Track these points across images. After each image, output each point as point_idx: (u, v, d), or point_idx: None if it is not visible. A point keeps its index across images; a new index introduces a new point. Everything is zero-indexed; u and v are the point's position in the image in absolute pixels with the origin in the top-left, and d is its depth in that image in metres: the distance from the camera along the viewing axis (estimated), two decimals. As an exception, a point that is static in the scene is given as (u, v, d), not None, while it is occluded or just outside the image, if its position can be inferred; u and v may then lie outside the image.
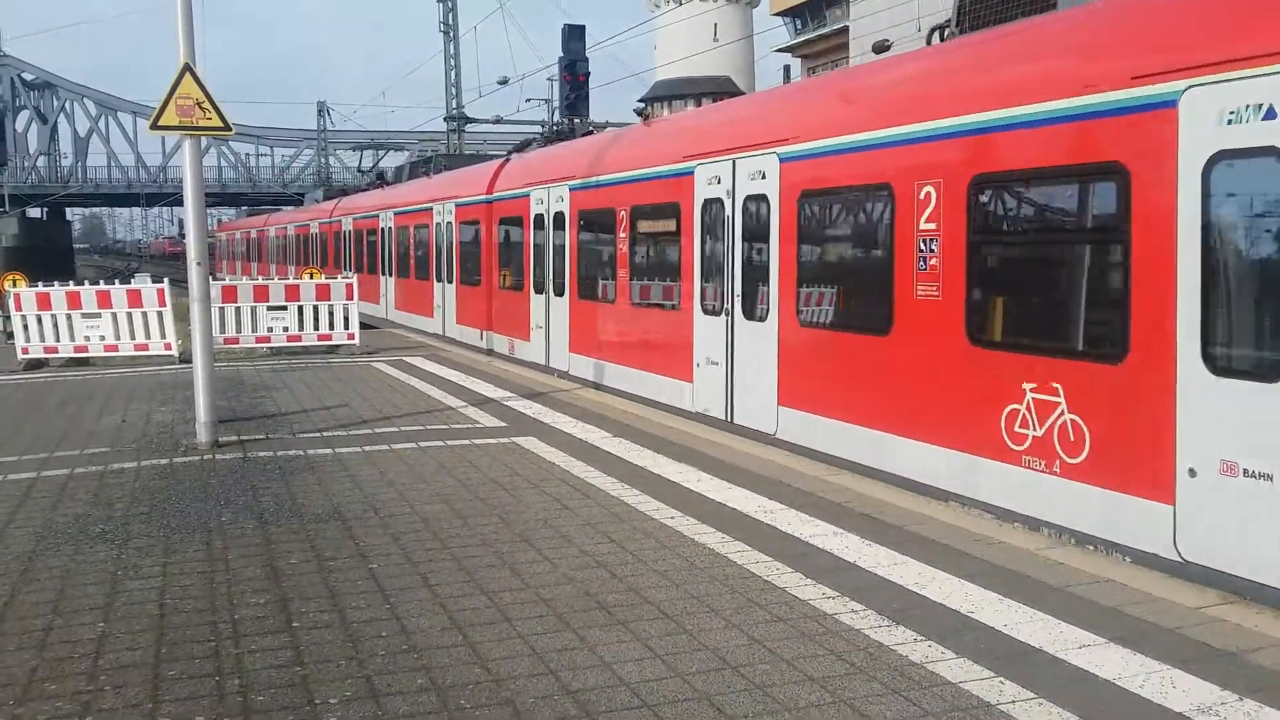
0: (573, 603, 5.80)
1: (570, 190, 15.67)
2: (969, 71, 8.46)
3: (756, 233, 10.75)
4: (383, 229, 27.05)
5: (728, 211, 11.18)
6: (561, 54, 27.03)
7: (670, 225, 12.61)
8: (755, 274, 10.78)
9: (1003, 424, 7.58)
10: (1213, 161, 6.04)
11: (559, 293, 16.22)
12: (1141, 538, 6.47)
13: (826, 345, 9.72)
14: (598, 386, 14.42)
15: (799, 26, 60.09)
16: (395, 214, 25.99)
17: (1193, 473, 6.14)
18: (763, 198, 10.58)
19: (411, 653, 5.12)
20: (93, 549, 6.89)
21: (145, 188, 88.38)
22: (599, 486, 8.50)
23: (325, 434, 10.88)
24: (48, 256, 70.62)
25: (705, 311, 11.71)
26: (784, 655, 5.06)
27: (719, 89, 15.51)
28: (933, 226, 8.23)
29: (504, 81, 37.87)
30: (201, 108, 10.12)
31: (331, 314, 18.93)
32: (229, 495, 8.31)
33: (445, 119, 43.43)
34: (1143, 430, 6.48)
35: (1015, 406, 7.47)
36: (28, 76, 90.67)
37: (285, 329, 18.68)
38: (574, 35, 27.25)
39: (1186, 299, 6.18)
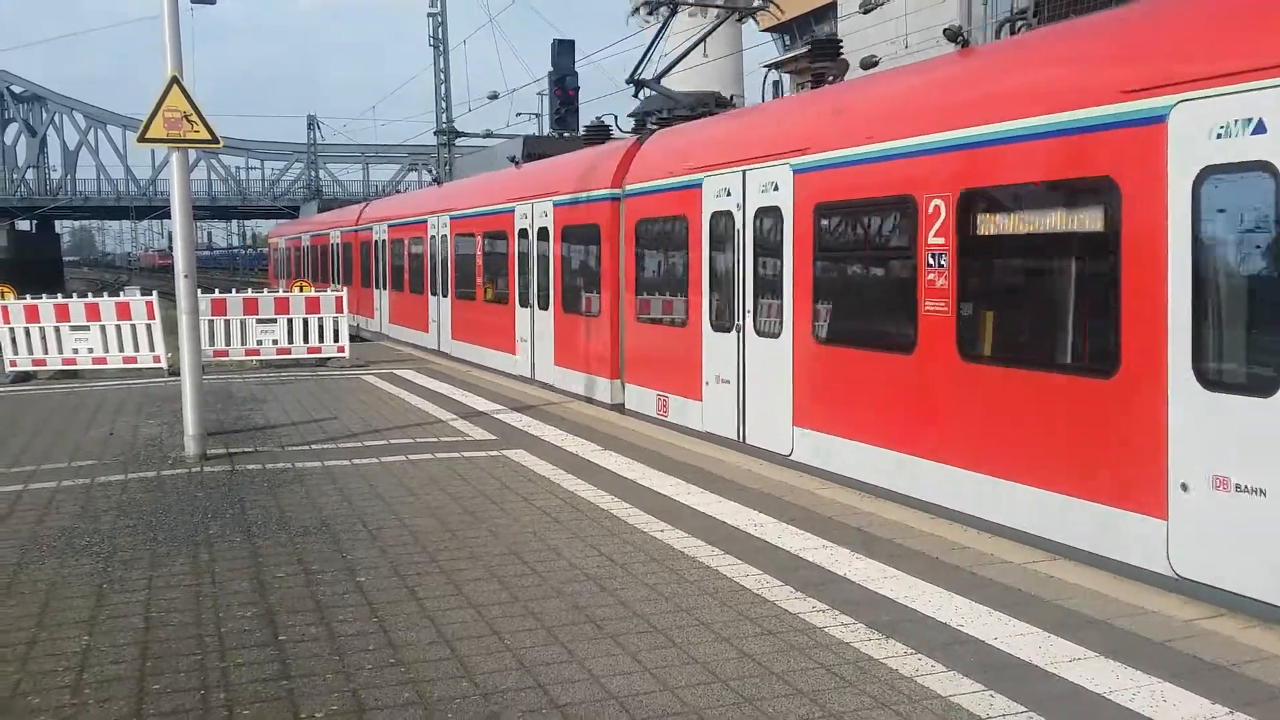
0: (561, 616, 5.77)
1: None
2: None
3: None
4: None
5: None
6: (551, 68, 27.14)
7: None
8: None
9: None
10: None
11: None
12: None
13: None
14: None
15: (788, 42, 60.35)
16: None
17: None
18: None
19: (399, 666, 5.08)
20: (78, 562, 6.83)
21: (134, 200, 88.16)
22: (589, 500, 8.47)
23: (314, 447, 10.82)
24: (36, 269, 70.31)
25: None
26: (774, 669, 5.03)
27: (710, 103, 15.27)
28: None
29: (494, 96, 37.92)
30: (189, 120, 10.10)
31: (321, 327, 18.88)
32: (216, 508, 8.26)
33: (435, 133, 43.39)
34: None
35: None
36: (16, 89, 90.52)
37: (275, 342, 18.62)
38: (563, 50, 27.38)
39: None
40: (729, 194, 11.20)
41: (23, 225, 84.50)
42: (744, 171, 10.92)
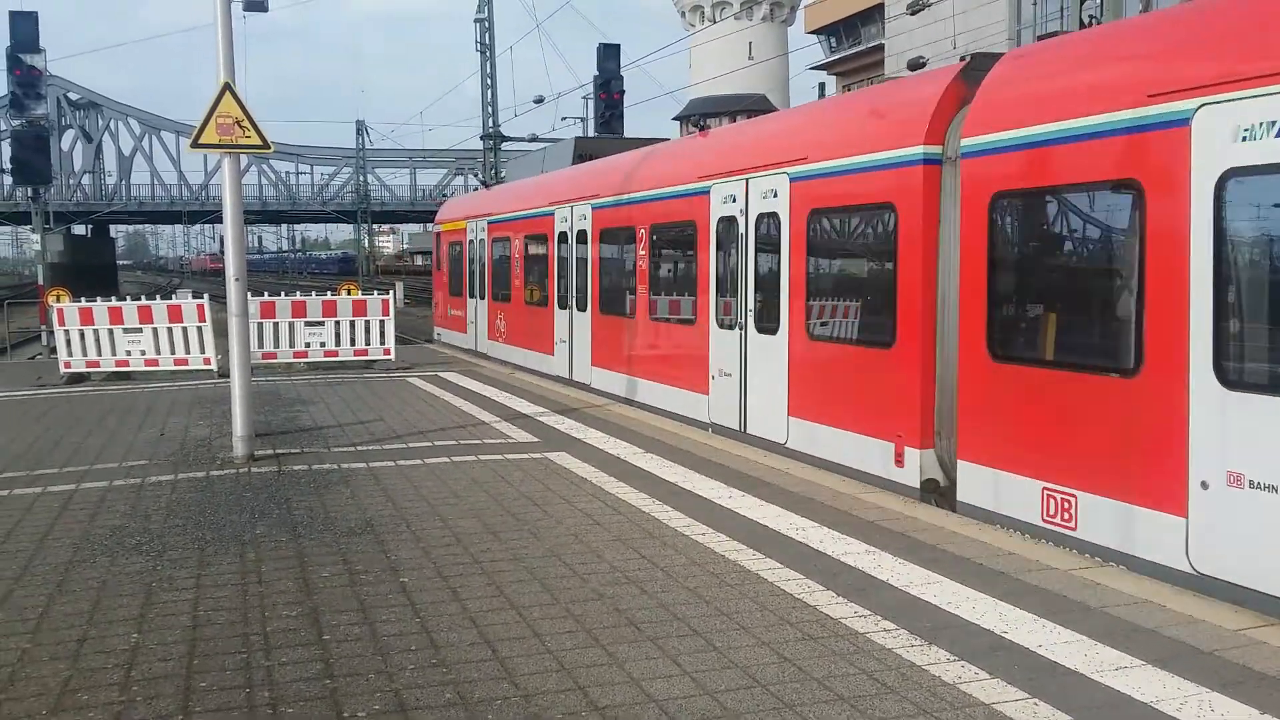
0: (602, 619, 5.78)
1: None
2: None
3: None
4: None
5: None
6: (596, 73, 27.22)
7: None
8: None
9: None
10: None
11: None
12: None
13: None
14: None
15: (834, 44, 60.05)
16: None
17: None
18: None
19: (440, 667, 5.12)
20: (128, 560, 6.96)
21: (187, 205, 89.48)
22: (630, 502, 8.48)
23: (359, 448, 10.94)
24: (92, 273, 71.61)
25: None
26: (814, 674, 5.01)
27: (755, 106, 15.15)
28: None
29: (539, 100, 38.03)
30: (241, 126, 10.25)
31: (368, 329, 19.09)
32: (263, 508, 8.37)
33: (481, 137, 43.65)
34: None
35: None
36: (73, 96, 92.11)
37: (323, 344, 18.85)
38: (608, 54, 27.48)
39: None
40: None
41: (79, 230, 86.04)
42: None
